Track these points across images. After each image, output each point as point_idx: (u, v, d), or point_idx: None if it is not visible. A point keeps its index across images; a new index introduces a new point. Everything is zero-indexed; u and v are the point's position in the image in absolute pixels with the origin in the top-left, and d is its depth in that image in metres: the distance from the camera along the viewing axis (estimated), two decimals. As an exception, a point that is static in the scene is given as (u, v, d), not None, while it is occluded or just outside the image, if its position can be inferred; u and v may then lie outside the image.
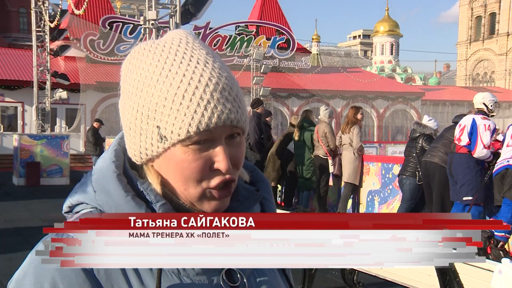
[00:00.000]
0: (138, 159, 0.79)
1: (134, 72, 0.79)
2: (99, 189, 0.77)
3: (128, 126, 0.79)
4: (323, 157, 8.27)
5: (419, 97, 33.85)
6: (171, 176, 0.77)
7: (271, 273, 0.87)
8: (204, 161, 0.75)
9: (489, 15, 52.72)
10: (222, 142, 0.76)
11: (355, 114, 8.01)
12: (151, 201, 0.76)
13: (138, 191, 0.77)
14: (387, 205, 8.04)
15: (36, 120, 16.99)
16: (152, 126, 0.75)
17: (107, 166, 0.78)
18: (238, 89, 0.78)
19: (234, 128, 0.77)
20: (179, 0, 10.75)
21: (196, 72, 0.75)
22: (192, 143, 0.74)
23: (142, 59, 0.79)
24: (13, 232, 7.76)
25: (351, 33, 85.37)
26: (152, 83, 0.75)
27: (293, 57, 31.83)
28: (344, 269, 4.78)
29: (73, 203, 0.81)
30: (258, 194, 0.87)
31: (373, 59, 50.58)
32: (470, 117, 6.08)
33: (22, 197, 11.68)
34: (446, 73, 67.34)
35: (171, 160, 0.76)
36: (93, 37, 26.46)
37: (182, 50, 0.77)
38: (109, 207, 0.75)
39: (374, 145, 20.32)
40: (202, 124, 0.73)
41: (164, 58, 0.77)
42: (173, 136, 0.74)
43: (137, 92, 0.77)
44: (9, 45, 38.34)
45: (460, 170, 5.90)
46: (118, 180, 0.76)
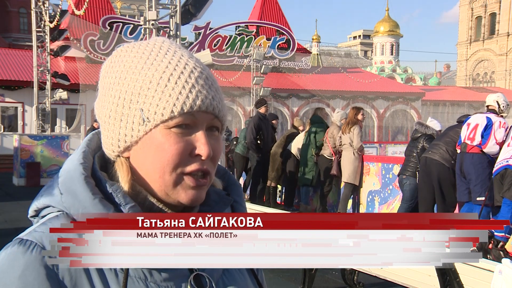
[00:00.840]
0: (116, 148, 0.78)
1: (116, 66, 0.79)
2: (65, 191, 0.75)
3: (107, 115, 0.78)
4: (328, 157, 8.30)
5: (419, 98, 33.85)
6: (148, 163, 0.76)
7: (240, 275, 0.86)
8: (185, 145, 0.75)
9: (489, 15, 52.71)
10: (203, 128, 0.76)
11: (356, 114, 8.01)
12: (120, 203, 0.75)
13: (107, 193, 0.75)
14: (387, 205, 8.04)
15: (36, 120, 16.99)
16: (134, 110, 0.75)
17: (75, 167, 0.77)
18: (219, 86, 0.80)
19: (215, 119, 0.78)
20: (179, 0, 10.75)
21: (181, 61, 0.76)
22: (174, 125, 0.74)
23: (125, 55, 0.79)
24: (13, 232, 7.69)
25: (351, 33, 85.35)
26: (136, 70, 0.76)
27: (293, 58, 31.83)
28: (345, 269, 4.79)
29: (39, 206, 0.79)
30: (229, 198, 0.87)
31: (373, 59, 50.57)
32: (482, 115, 6.06)
33: (22, 198, 11.67)
34: (446, 73, 67.32)
35: (151, 144, 0.75)
36: (93, 38, 26.45)
37: (166, 46, 0.79)
38: (76, 210, 0.74)
39: (374, 145, 20.31)
40: (186, 105, 0.74)
41: (149, 51, 0.78)
42: (156, 117, 0.74)
43: (120, 81, 0.77)
44: (9, 45, 38.34)
45: (473, 170, 5.88)
46: (85, 182, 0.75)
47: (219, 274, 0.82)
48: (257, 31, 31.06)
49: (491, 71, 52.59)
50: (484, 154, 5.91)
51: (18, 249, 0.70)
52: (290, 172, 8.98)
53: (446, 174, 6.28)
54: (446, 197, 6.30)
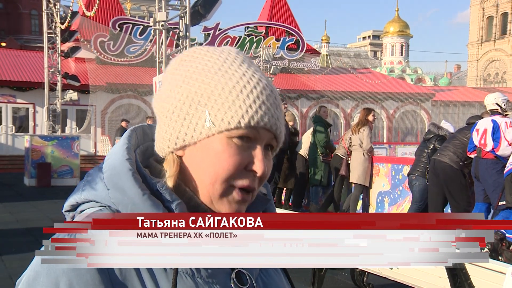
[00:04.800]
0: (172, 144, 0.78)
1: (188, 65, 0.79)
2: (112, 186, 0.75)
3: (170, 110, 0.78)
4: (343, 156, 8.30)
5: (429, 98, 33.63)
6: (202, 166, 0.76)
7: (276, 273, 0.87)
8: (242, 158, 0.75)
9: (501, 15, 52.26)
10: (262, 145, 0.77)
11: (366, 115, 8.00)
12: (166, 200, 0.75)
13: (153, 190, 0.76)
14: (397, 206, 8.00)
15: (47, 121, 17.12)
16: (200, 111, 0.75)
17: (121, 163, 0.76)
18: (282, 110, 0.81)
19: (273, 139, 0.78)
20: (189, 1, 10.79)
21: (255, 76, 0.77)
22: (236, 135, 0.74)
23: (198, 56, 0.80)
24: (24, 232, 7.83)
25: (361, 34, 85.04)
26: (209, 74, 0.76)
27: (302, 58, 31.78)
28: (354, 270, 4.77)
29: (79, 201, 0.79)
30: (267, 198, 0.87)
31: (382, 60, 50.33)
32: (487, 119, 6.04)
33: (33, 198, 11.77)
34: (457, 73, 66.85)
35: (210, 149, 0.75)
36: (103, 39, 26.61)
37: (241, 58, 0.80)
38: (124, 206, 0.74)
39: (384, 146, 20.23)
40: (254, 119, 0.74)
41: (223, 58, 0.78)
42: (222, 124, 0.74)
43: (191, 81, 0.77)
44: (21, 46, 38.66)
45: (489, 176, 5.88)
46: (133, 178, 0.75)
47: (257, 271, 0.83)
48: (267, 31, 31.05)
49: (502, 71, 52.13)
50: (498, 159, 5.89)
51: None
52: (300, 173, 8.96)
53: (455, 176, 6.27)
54: (457, 198, 6.28)
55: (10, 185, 14.67)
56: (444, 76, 54.07)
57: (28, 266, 0.73)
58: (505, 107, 6.07)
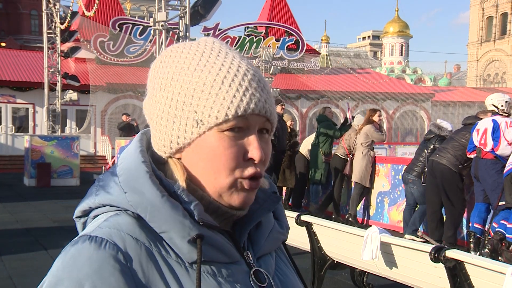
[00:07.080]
0: (167, 149, 0.78)
1: (167, 66, 0.79)
2: (130, 190, 0.74)
3: (159, 116, 0.78)
4: (342, 156, 8.32)
5: (429, 98, 33.63)
6: (201, 165, 0.76)
7: (289, 271, 0.89)
8: (238, 149, 0.75)
9: (501, 15, 52.27)
10: (255, 132, 0.77)
11: (372, 115, 8.04)
12: (184, 201, 0.75)
13: (170, 192, 0.75)
14: (397, 207, 8.00)
15: (47, 121, 17.11)
16: (187, 112, 0.75)
17: (137, 166, 0.76)
18: (269, 88, 0.80)
19: (266, 122, 0.78)
20: (188, 2, 10.79)
21: (234, 63, 0.77)
22: (228, 128, 0.74)
23: (176, 55, 0.79)
24: (24, 232, 7.82)
25: (361, 34, 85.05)
26: (189, 72, 0.76)
27: (302, 58, 31.78)
28: (354, 270, 4.76)
29: (92, 206, 0.78)
30: (277, 196, 0.87)
31: (382, 60, 50.33)
32: (488, 119, 6.04)
33: (33, 198, 11.76)
34: (457, 74, 66.86)
35: (204, 147, 0.76)
36: (103, 39, 26.60)
37: (218, 48, 0.79)
38: (144, 208, 0.73)
39: (384, 146, 20.22)
40: (240, 108, 0.74)
41: (200, 52, 0.78)
42: (210, 120, 0.74)
43: (172, 82, 0.77)
44: (21, 46, 38.71)
45: (488, 176, 5.88)
46: (151, 180, 0.74)
47: (273, 271, 0.84)
48: (266, 32, 31.06)
49: (502, 72, 52.14)
50: (498, 159, 5.88)
51: (90, 245, 0.70)
52: (300, 173, 8.96)
53: (453, 179, 6.28)
54: (453, 201, 6.29)
55: (10, 185, 14.66)
56: (444, 76, 54.07)
57: (47, 273, 0.71)
58: (503, 108, 6.06)
